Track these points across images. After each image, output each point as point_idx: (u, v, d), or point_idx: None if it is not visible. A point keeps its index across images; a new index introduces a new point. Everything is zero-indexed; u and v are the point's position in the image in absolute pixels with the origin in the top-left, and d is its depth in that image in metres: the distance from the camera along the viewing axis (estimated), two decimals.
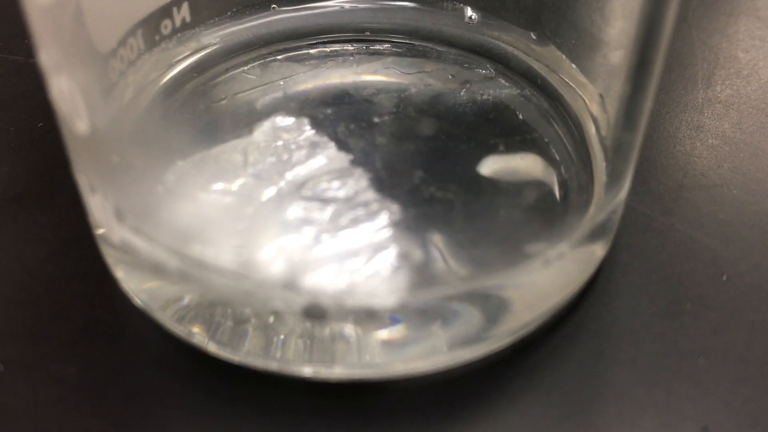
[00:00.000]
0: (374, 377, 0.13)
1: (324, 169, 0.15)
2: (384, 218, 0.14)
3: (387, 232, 0.14)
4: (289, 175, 0.14)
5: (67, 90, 0.12)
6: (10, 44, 0.21)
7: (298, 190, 0.14)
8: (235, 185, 0.15)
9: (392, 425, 0.13)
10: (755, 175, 0.18)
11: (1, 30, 0.22)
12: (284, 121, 0.16)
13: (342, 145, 0.16)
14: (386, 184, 0.15)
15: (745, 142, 0.18)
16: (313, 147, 0.15)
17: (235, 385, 0.14)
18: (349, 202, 0.14)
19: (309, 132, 0.16)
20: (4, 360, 0.14)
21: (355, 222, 0.14)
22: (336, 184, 0.15)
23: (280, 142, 0.15)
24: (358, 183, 0.15)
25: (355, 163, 0.15)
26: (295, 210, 0.14)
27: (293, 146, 0.15)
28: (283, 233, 0.14)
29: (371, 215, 0.14)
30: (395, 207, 0.14)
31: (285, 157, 0.15)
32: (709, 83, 0.20)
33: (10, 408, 0.13)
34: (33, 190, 0.17)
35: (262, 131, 0.16)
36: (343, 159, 0.15)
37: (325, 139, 0.16)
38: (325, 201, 0.14)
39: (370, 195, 0.14)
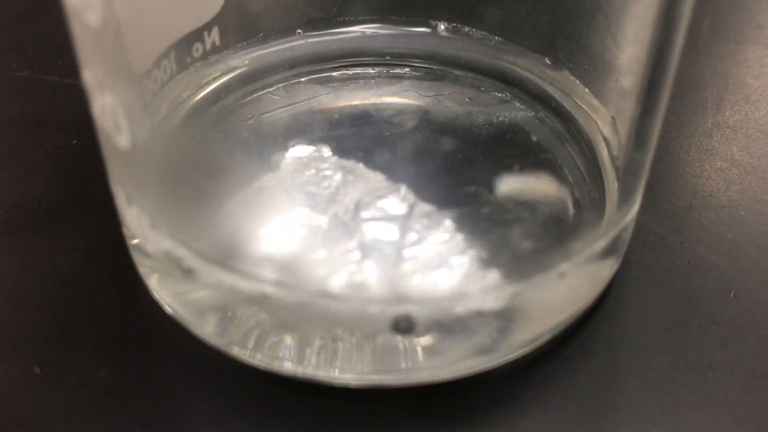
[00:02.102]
0: (394, 384, 0.14)
1: (367, 191, 0.15)
2: (447, 227, 0.15)
3: (456, 241, 0.15)
4: (339, 200, 0.15)
5: (109, 107, 0.13)
6: (45, 66, 0.22)
7: (355, 214, 0.15)
8: (281, 209, 0.15)
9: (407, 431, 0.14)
10: (762, 197, 0.18)
11: (37, 52, 0.23)
12: (307, 149, 0.17)
13: (371, 165, 0.16)
14: (405, 200, 0.16)
15: (753, 166, 0.19)
16: (345, 171, 0.16)
17: (263, 389, 0.14)
18: (409, 217, 0.15)
19: (334, 157, 0.16)
20: (41, 363, 0.14)
21: (423, 235, 0.15)
22: (385, 202, 0.15)
23: (312, 171, 0.16)
24: (406, 199, 0.15)
25: (391, 181, 0.16)
26: (365, 233, 0.15)
27: (328, 172, 0.16)
28: (366, 256, 0.14)
29: (432, 227, 0.15)
30: (450, 217, 0.15)
31: (324, 184, 0.15)
32: (719, 108, 0.21)
33: (46, 408, 0.14)
34: (67, 203, 0.18)
35: (289, 162, 0.16)
36: (378, 179, 0.16)
37: (352, 161, 0.16)
38: (386, 220, 0.15)
39: (425, 208, 0.15)
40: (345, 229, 0.15)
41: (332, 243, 0.15)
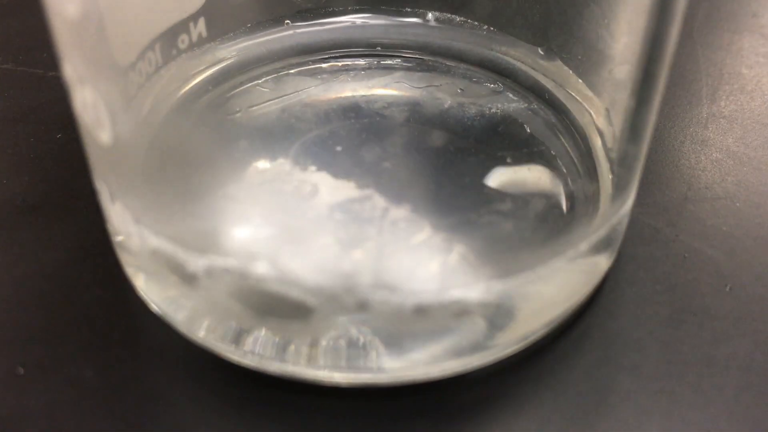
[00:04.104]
0: (385, 382, 0.14)
1: (356, 183, 0.15)
2: (438, 220, 0.14)
3: (447, 235, 0.14)
4: (327, 193, 0.15)
5: (90, 101, 0.13)
6: (29, 58, 0.22)
7: (330, 213, 0.15)
8: (260, 205, 0.15)
9: (401, 430, 0.14)
10: (758, 189, 0.18)
11: (21, 44, 0.22)
12: (296, 142, 0.16)
13: (360, 158, 0.16)
14: (396, 193, 0.15)
15: (749, 157, 0.19)
16: (333, 163, 0.15)
17: (251, 388, 0.14)
18: (400, 210, 0.15)
19: (323, 149, 0.16)
20: (24, 363, 0.14)
21: (413, 229, 0.14)
22: (375, 195, 0.15)
23: (300, 164, 0.15)
24: (397, 192, 0.15)
25: (381, 173, 0.16)
26: (352, 225, 0.14)
27: (316, 165, 0.15)
28: (353, 249, 0.14)
29: (410, 224, 0.15)
30: (442, 210, 0.15)
31: (313, 177, 0.15)
32: (714, 99, 0.20)
33: (29, 409, 0.14)
34: (52, 199, 0.17)
35: (277, 155, 0.16)
36: (368, 171, 0.16)
37: (341, 154, 0.16)
38: (376, 212, 0.15)
39: (416, 202, 0.15)
40: (332, 221, 0.15)
41: (319, 236, 0.14)
